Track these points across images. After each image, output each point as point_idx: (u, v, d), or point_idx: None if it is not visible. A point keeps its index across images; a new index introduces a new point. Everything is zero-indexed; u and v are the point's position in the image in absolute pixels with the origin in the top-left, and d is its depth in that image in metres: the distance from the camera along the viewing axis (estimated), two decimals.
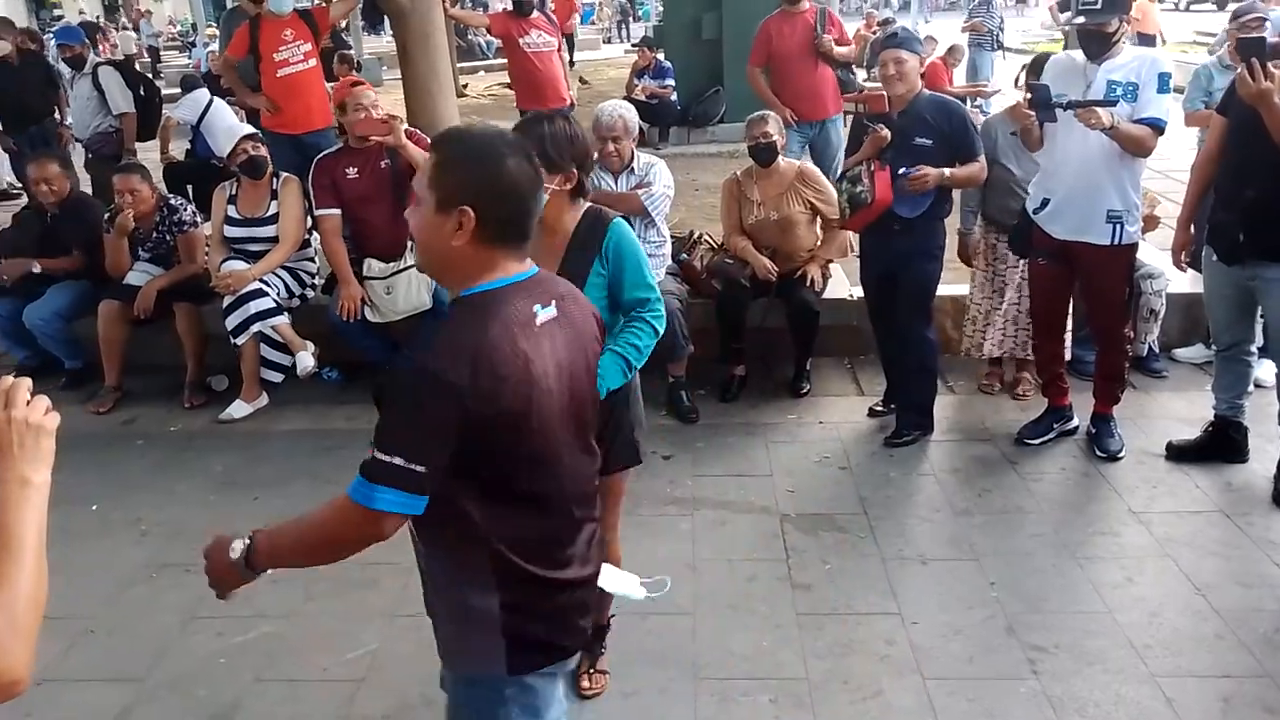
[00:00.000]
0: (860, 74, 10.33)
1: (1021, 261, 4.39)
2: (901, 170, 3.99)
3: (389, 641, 3.20)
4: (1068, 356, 4.45)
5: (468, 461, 1.60)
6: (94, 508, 4.11)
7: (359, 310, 4.75)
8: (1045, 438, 4.31)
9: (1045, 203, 3.99)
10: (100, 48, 15.41)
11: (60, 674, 3.08)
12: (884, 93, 4.10)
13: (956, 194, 4.30)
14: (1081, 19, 3.74)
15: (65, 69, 7.71)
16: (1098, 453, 4.17)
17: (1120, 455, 4.14)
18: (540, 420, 1.65)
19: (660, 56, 10.93)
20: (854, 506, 3.89)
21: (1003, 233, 4.42)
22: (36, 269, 5.14)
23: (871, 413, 4.62)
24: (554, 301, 1.73)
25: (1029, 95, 3.82)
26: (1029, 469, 4.12)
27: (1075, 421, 4.35)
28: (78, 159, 7.21)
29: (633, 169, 4.60)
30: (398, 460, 1.55)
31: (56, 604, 3.01)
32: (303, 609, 3.37)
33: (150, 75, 10.77)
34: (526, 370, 1.61)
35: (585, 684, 2.93)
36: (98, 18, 27.83)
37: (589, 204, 2.57)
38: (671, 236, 4.87)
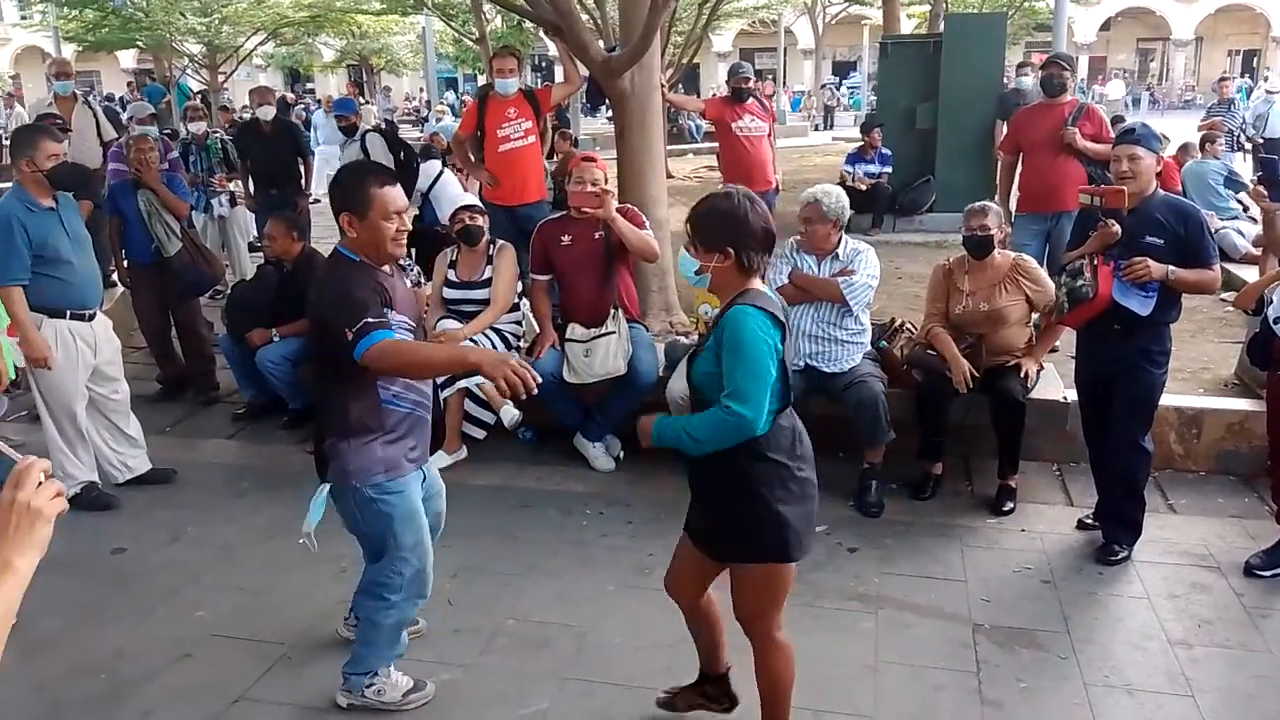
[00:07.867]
0: None
1: None
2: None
3: (558, 704, 3.20)
4: None
5: None
6: (300, 541, 4.35)
7: (545, 351, 4.97)
8: (1277, 570, 3.90)
9: None
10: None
11: (256, 694, 3.27)
12: (1124, 188, 3.88)
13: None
14: None
15: (321, 138, 8.47)
16: None
17: None
18: None
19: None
20: (1056, 624, 3.62)
21: None
22: (276, 338, 5.55)
23: (1080, 525, 4.31)
24: None
25: (1260, 173, 3.55)
26: (1257, 603, 3.72)
27: None
28: None
29: (837, 254, 4.57)
30: None
31: (263, 626, 3.21)
32: (478, 661, 3.43)
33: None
34: None
35: None
36: (357, 84, 30.72)
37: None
38: (872, 324, 4.78)
